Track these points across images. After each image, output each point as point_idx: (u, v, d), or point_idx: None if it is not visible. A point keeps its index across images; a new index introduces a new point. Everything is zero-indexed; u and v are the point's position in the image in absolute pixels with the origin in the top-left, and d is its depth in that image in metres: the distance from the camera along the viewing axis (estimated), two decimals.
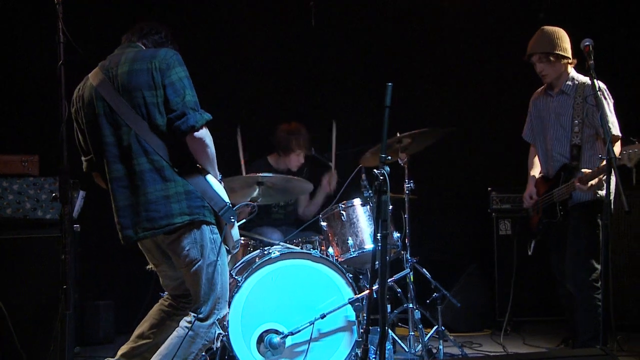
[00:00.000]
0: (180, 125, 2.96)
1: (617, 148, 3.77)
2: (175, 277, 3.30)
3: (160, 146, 3.00)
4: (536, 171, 4.38)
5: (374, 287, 3.10)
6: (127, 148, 3.00)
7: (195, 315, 3.10)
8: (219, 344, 3.22)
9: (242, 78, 5.56)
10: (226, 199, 3.12)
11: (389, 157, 3.07)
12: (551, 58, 4.07)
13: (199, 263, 3.07)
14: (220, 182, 3.18)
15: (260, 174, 4.22)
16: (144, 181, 3.00)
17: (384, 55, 5.76)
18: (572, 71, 4.15)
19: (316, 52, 5.67)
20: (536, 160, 4.40)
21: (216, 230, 3.13)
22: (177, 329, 3.12)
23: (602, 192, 3.90)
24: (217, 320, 3.14)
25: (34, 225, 4.30)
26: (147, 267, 3.41)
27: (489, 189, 5.55)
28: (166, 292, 3.40)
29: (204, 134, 3.02)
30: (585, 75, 4.07)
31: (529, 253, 4.29)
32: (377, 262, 3.02)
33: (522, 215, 4.60)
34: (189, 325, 3.08)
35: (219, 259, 3.11)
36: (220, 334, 3.16)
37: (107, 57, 3.14)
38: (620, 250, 5.03)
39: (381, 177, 2.98)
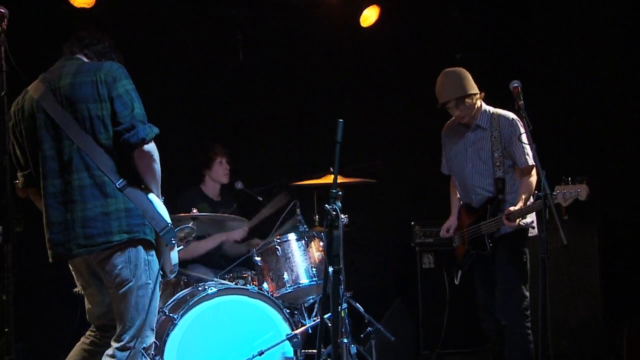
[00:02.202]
0: (130, 138, 2.89)
1: (533, 178, 3.98)
2: (102, 302, 3.14)
3: (102, 161, 2.92)
4: (457, 203, 4.46)
5: (325, 316, 3.12)
6: (68, 162, 2.91)
7: (117, 345, 2.97)
8: None
9: (168, 107, 5.47)
10: (168, 219, 3.04)
11: (340, 192, 3.11)
12: (467, 100, 4.11)
13: (129, 284, 2.96)
14: (163, 202, 3.10)
15: (195, 214, 4.13)
16: (83, 196, 2.90)
17: (313, 90, 5.84)
18: (482, 104, 4.22)
19: (244, 86, 5.66)
20: (456, 192, 4.48)
21: (153, 252, 3.04)
22: None
23: (526, 221, 4.05)
24: (142, 349, 3.01)
25: None
26: (74, 289, 3.26)
27: (412, 223, 5.69)
28: (88, 330, 3.24)
29: (152, 148, 2.97)
30: (495, 107, 4.21)
31: (456, 282, 4.38)
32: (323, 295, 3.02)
33: (447, 248, 4.72)
34: (112, 358, 2.96)
35: (150, 282, 3.01)
36: None
37: (48, 70, 3.05)
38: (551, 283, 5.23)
39: (333, 212, 3.01)
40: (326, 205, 3.02)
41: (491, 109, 4.24)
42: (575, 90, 5.56)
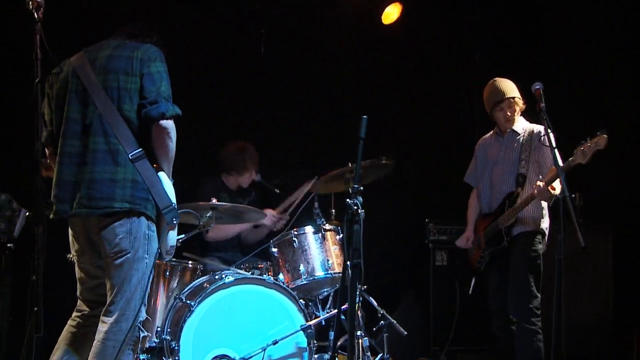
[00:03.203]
0: (150, 110, 2.98)
1: (557, 184, 4.05)
2: (94, 274, 3.15)
3: (120, 131, 2.98)
4: (474, 215, 4.61)
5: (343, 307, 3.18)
6: (89, 126, 3.00)
7: (108, 319, 2.99)
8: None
9: (190, 99, 5.51)
10: (173, 199, 3.07)
11: (361, 188, 3.15)
12: (518, 103, 4.38)
13: (127, 255, 2.99)
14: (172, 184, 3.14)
15: (215, 203, 4.18)
16: (95, 159, 2.98)
17: (332, 85, 5.88)
18: (521, 117, 4.49)
19: (264, 80, 5.71)
20: (476, 202, 4.63)
21: (154, 228, 3.07)
22: (95, 343, 2.99)
23: (544, 225, 4.19)
24: (139, 323, 3.05)
25: None
26: (69, 255, 3.28)
27: (427, 220, 5.74)
28: (73, 312, 3.24)
29: (170, 125, 3.02)
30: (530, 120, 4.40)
31: (469, 292, 4.48)
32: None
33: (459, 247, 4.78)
34: (106, 336, 2.97)
35: (147, 257, 3.04)
36: (146, 337, 3.13)
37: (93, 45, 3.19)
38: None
39: (355, 207, 3.06)
40: (347, 200, 3.06)
41: (527, 122, 4.45)
42: (591, 92, 5.58)
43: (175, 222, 3.06)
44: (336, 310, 4.26)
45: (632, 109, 5.27)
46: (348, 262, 3.05)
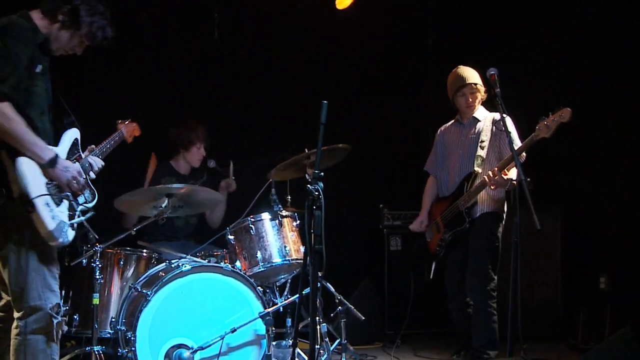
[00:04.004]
0: None
1: (513, 171, 4.13)
2: None
3: None
4: (429, 202, 4.67)
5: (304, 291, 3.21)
6: None
7: (19, 314, 2.95)
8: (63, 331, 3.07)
9: (141, 82, 5.41)
10: (30, 187, 2.85)
11: (322, 173, 3.14)
12: (480, 90, 4.42)
13: (6, 247, 2.93)
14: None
15: (169, 185, 4.12)
16: None
17: (287, 70, 5.83)
18: (482, 106, 4.55)
19: (218, 65, 5.62)
20: (431, 191, 4.69)
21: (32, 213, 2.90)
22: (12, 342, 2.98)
23: (511, 176, 4.21)
24: (50, 309, 2.97)
25: None
26: None
27: (381, 205, 5.78)
28: None
29: None
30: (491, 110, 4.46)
31: (430, 277, 4.52)
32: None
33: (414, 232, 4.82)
34: (18, 331, 2.95)
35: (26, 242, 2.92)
36: (60, 321, 3.01)
37: None
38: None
39: (316, 193, 3.04)
40: (308, 186, 3.05)
41: (486, 111, 4.51)
42: (546, 78, 5.68)
43: (31, 211, 2.86)
44: (295, 297, 4.26)
45: (587, 92, 5.39)
46: (310, 248, 3.03)
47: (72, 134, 3.21)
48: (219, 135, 5.27)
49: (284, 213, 4.42)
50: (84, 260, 4.11)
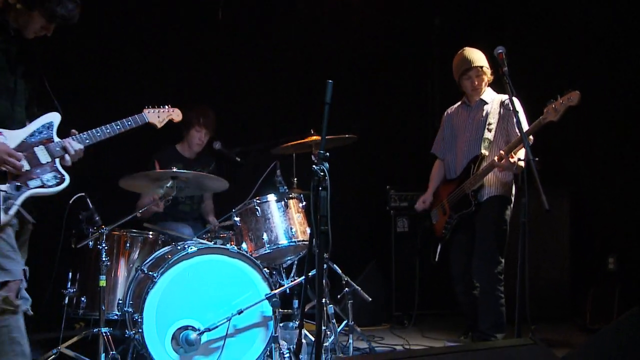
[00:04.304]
0: None
1: (521, 152, 4.08)
2: None
3: None
4: (436, 183, 4.64)
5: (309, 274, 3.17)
6: None
7: None
8: (24, 308, 3.02)
9: (145, 64, 5.38)
10: None
11: (327, 154, 3.12)
12: (487, 72, 4.37)
13: None
14: None
15: (175, 170, 4.10)
16: None
17: (292, 50, 5.79)
18: (489, 87, 4.50)
19: (222, 46, 5.58)
20: (438, 173, 4.65)
21: None
22: None
23: (520, 157, 4.11)
24: None
25: None
26: None
27: (388, 187, 5.75)
28: None
29: None
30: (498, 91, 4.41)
31: (435, 260, 4.50)
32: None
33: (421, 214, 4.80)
34: None
35: None
36: (8, 296, 2.96)
37: None
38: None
39: (321, 173, 3.02)
40: (314, 166, 3.02)
41: (494, 93, 4.45)
42: (555, 59, 5.62)
43: None
44: (302, 278, 4.25)
45: (596, 73, 5.33)
46: (316, 229, 3.02)
47: (46, 118, 3.17)
48: (225, 117, 5.24)
49: (290, 194, 4.39)
50: (90, 243, 4.11)
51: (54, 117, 3.17)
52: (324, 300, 4.22)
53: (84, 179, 4.87)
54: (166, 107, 3.71)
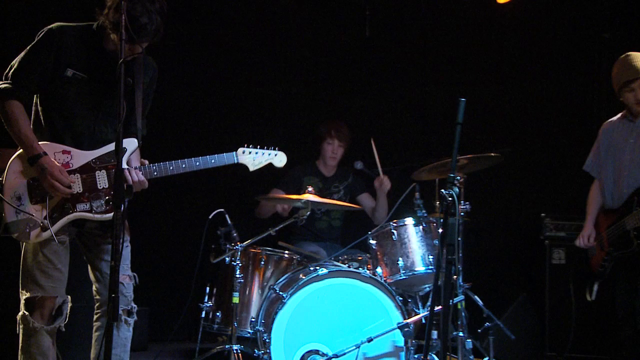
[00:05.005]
0: None
1: None
2: None
3: None
4: (596, 210, 4.12)
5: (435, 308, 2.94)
6: None
7: None
8: (32, 325, 2.99)
9: (290, 81, 5.44)
10: (6, 179, 2.94)
11: (458, 177, 2.89)
12: None
13: None
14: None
15: (305, 199, 4.04)
16: None
17: (441, 68, 5.56)
18: None
19: (368, 63, 5.50)
20: (597, 195, 4.12)
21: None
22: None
23: None
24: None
25: None
26: None
27: (543, 214, 5.28)
28: None
29: None
30: None
31: (591, 298, 4.01)
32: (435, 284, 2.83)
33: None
34: None
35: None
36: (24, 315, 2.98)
37: None
38: None
39: (449, 198, 2.80)
40: (442, 190, 2.81)
41: None
42: None
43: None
44: (423, 313, 3.99)
45: None
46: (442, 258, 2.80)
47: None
48: (369, 135, 5.14)
49: (429, 219, 4.17)
50: (226, 259, 4.16)
51: (129, 143, 3.05)
52: (460, 333, 3.97)
53: (224, 195, 5.05)
54: (269, 149, 3.35)
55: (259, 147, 3.30)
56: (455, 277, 4.11)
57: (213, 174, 3.39)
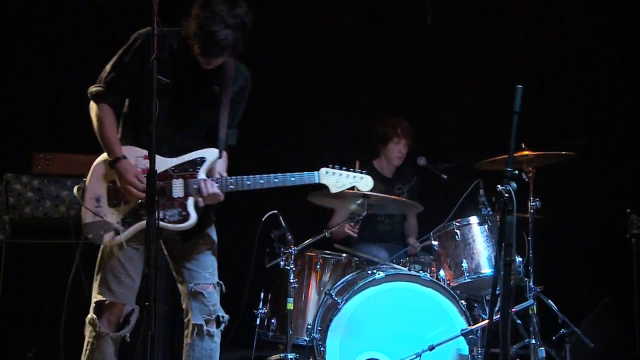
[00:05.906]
0: None
1: None
2: None
3: None
4: None
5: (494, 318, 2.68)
6: None
7: None
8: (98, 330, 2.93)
9: (345, 74, 5.26)
10: (89, 180, 2.97)
11: (516, 171, 2.62)
12: None
13: None
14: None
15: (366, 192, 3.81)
16: None
17: (503, 58, 5.21)
18: None
19: (430, 53, 5.22)
20: None
21: None
22: None
23: None
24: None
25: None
26: None
27: (628, 210, 4.84)
28: None
29: (91, 106, 2.98)
30: None
31: None
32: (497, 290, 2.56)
33: None
34: None
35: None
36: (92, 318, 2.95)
37: None
38: None
39: (506, 195, 2.52)
40: (498, 186, 2.55)
41: None
42: None
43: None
44: (483, 322, 3.70)
45: None
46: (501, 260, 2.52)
47: (201, 153, 3.00)
48: (432, 130, 4.88)
49: (495, 217, 3.87)
50: (281, 262, 3.99)
51: (209, 154, 2.99)
52: (532, 341, 3.67)
53: (277, 195, 4.90)
54: (355, 172, 3.15)
55: (344, 168, 3.13)
56: (525, 279, 3.83)
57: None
